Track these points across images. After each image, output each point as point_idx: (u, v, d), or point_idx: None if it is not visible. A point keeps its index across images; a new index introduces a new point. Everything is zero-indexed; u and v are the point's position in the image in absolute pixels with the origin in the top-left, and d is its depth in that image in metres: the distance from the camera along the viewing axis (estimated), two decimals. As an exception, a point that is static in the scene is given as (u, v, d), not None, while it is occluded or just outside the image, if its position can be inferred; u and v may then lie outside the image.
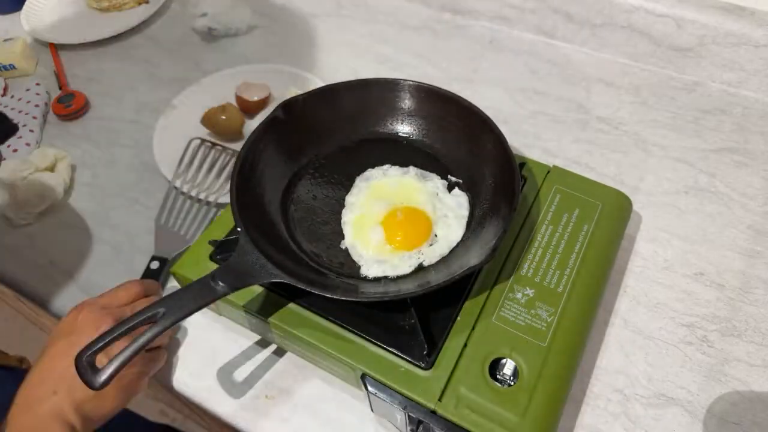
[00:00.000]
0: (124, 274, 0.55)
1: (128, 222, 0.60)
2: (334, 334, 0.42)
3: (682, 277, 0.52)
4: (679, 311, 0.50)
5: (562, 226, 0.48)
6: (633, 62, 0.71)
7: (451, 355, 0.40)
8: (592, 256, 0.46)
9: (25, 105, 0.70)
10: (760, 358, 0.47)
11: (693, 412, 0.45)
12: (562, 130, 0.65)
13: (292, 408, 0.46)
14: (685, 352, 0.47)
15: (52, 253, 0.58)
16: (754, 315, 0.49)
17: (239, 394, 0.47)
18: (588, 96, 0.68)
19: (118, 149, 0.67)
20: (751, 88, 0.66)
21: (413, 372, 0.40)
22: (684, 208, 0.57)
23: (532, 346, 0.41)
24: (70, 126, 0.70)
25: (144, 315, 0.37)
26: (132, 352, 0.35)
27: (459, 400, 0.39)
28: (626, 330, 0.49)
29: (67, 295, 0.55)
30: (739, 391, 0.45)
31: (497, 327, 0.42)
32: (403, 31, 0.79)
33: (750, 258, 0.53)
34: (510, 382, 0.40)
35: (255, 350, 0.50)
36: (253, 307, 0.44)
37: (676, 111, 0.66)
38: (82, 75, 0.76)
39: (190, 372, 0.49)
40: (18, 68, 0.76)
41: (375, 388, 0.40)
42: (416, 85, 0.52)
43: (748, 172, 0.59)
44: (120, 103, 0.72)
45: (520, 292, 0.44)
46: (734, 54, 0.64)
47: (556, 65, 0.72)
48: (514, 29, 0.76)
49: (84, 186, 0.64)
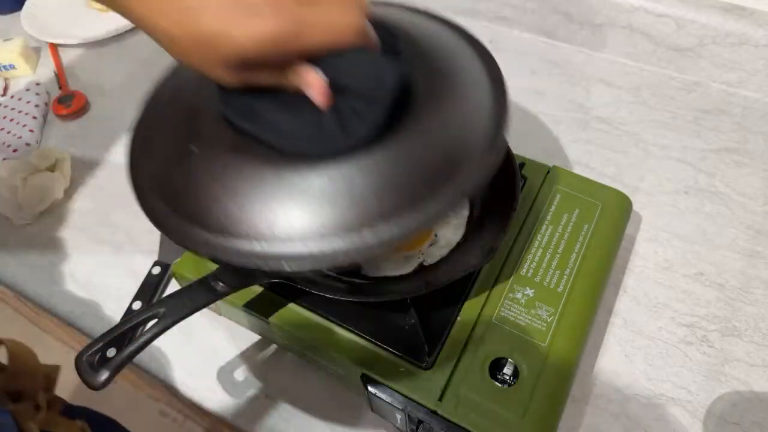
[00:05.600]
0: (124, 274, 0.55)
1: (128, 222, 0.60)
2: (334, 334, 0.42)
3: (682, 277, 0.52)
4: (679, 311, 0.50)
5: (562, 226, 0.48)
6: (633, 62, 0.71)
7: (451, 355, 0.40)
8: (592, 256, 0.46)
9: (25, 105, 0.70)
10: (760, 358, 0.47)
11: (693, 412, 0.45)
12: (562, 130, 0.65)
13: (292, 408, 0.46)
14: (685, 352, 0.48)
15: (53, 253, 0.58)
16: (754, 315, 0.49)
17: (239, 394, 0.47)
18: (588, 96, 0.68)
19: (118, 149, 0.67)
20: (751, 88, 0.66)
21: (413, 372, 0.40)
22: (684, 208, 0.57)
23: (533, 346, 0.41)
24: (70, 126, 0.70)
25: (144, 315, 0.37)
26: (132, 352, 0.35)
27: (459, 400, 0.39)
28: (626, 330, 0.49)
29: (67, 296, 0.55)
30: (739, 391, 0.45)
31: (497, 327, 0.42)
32: (403, 31, 0.79)
33: (750, 258, 0.53)
34: (510, 382, 0.40)
35: (255, 350, 0.50)
36: (253, 307, 0.44)
37: (676, 111, 0.66)
38: (82, 75, 0.76)
39: (190, 372, 0.49)
40: (18, 68, 0.76)
41: (375, 388, 0.40)
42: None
43: (748, 172, 0.59)
44: (120, 103, 0.72)
45: (520, 292, 0.44)
46: (734, 54, 0.64)
47: (556, 65, 0.72)
48: (513, 29, 0.76)
49: (84, 186, 0.64)
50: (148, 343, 0.36)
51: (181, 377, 0.49)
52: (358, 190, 0.32)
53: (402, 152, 0.33)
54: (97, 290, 0.55)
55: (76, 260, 0.57)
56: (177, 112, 0.38)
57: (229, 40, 0.28)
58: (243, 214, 0.32)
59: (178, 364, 0.49)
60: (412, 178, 0.33)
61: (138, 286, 0.53)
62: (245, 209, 0.32)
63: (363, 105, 0.32)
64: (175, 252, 0.55)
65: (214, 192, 0.33)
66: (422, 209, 0.32)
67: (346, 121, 0.32)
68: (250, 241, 0.32)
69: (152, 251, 0.57)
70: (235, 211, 0.32)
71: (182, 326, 0.51)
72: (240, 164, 0.33)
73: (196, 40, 0.29)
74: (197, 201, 0.34)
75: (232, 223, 0.32)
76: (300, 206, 0.32)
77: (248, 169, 0.33)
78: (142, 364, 0.50)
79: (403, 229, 0.31)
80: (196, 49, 0.29)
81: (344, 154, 0.32)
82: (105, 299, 0.54)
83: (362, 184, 0.32)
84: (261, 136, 0.33)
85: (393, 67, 0.32)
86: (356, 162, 0.32)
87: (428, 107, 0.35)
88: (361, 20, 0.31)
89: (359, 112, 0.32)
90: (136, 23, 0.30)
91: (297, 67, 0.31)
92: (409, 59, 0.35)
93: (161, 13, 0.29)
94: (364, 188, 0.32)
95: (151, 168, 0.37)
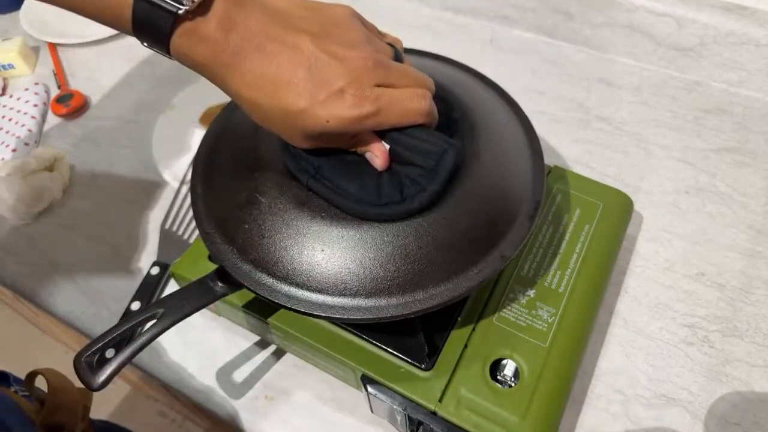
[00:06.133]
0: (123, 274, 0.55)
1: (128, 222, 0.59)
2: (334, 335, 0.42)
3: (683, 277, 0.52)
4: (680, 311, 0.50)
5: (562, 226, 0.47)
6: (634, 62, 0.71)
7: (451, 356, 0.40)
8: (592, 256, 0.46)
9: (24, 105, 0.70)
10: (761, 358, 0.47)
11: (694, 412, 0.44)
12: (563, 129, 0.65)
13: (292, 409, 0.46)
14: (686, 353, 0.47)
15: (52, 253, 0.58)
16: (755, 315, 0.49)
17: (239, 394, 0.47)
18: (588, 96, 0.68)
19: (117, 149, 0.67)
20: (752, 87, 0.66)
21: (413, 373, 0.40)
22: (685, 208, 0.57)
23: (533, 347, 0.41)
24: (69, 126, 0.70)
25: (143, 315, 0.37)
26: (131, 353, 0.35)
27: (459, 401, 0.38)
28: (627, 330, 0.49)
29: (67, 296, 0.54)
30: (740, 392, 0.45)
31: (498, 328, 0.42)
32: (403, 30, 0.78)
33: (751, 258, 0.53)
34: (511, 383, 0.39)
35: (254, 351, 0.49)
36: (253, 308, 0.44)
37: (676, 111, 0.65)
38: (81, 75, 0.76)
39: (190, 372, 0.49)
40: (17, 68, 0.76)
41: (375, 389, 0.40)
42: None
43: (749, 172, 0.59)
44: (119, 103, 0.72)
45: (521, 292, 0.44)
46: (735, 54, 0.64)
47: (557, 65, 0.72)
48: (514, 28, 0.76)
49: (83, 186, 0.63)
50: (147, 343, 0.35)
51: (180, 378, 0.49)
52: (412, 252, 0.35)
53: (453, 218, 0.36)
54: (96, 290, 0.54)
55: (74, 260, 0.57)
56: (240, 158, 0.41)
57: (314, 118, 0.32)
58: (308, 266, 0.36)
59: (177, 364, 0.49)
60: (462, 244, 0.36)
61: (137, 287, 0.53)
62: (311, 263, 0.36)
63: (422, 176, 0.35)
64: (174, 252, 0.55)
65: (281, 242, 0.36)
66: (470, 274, 0.36)
67: (405, 189, 0.36)
68: (314, 293, 0.35)
69: (151, 251, 0.57)
70: (302, 263, 0.36)
71: (181, 327, 0.51)
72: (307, 218, 0.36)
73: (283, 112, 0.32)
74: (264, 248, 0.37)
75: (297, 272, 0.36)
76: (362, 264, 0.35)
77: (315, 228, 0.36)
78: (142, 365, 0.50)
79: (452, 292, 0.35)
80: (280, 120, 0.33)
81: (402, 219, 0.36)
82: (104, 299, 0.54)
83: (416, 247, 0.35)
84: (325, 195, 0.36)
85: (453, 146, 0.35)
86: (411, 226, 0.36)
87: (475, 176, 0.38)
88: (429, 105, 0.35)
89: (419, 182, 0.35)
90: (223, 88, 0.34)
91: (365, 136, 0.35)
92: (462, 132, 0.39)
93: (252, 85, 0.32)
94: (418, 251, 0.35)
95: (215, 209, 0.40)
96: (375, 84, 0.33)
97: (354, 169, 0.36)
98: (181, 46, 0.31)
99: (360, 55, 0.32)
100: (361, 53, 0.33)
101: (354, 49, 0.33)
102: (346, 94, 0.32)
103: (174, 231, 0.57)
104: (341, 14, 0.34)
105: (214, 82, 0.34)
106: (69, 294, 0.55)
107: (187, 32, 0.31)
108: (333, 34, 0.33)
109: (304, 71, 0.31)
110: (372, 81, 0.32)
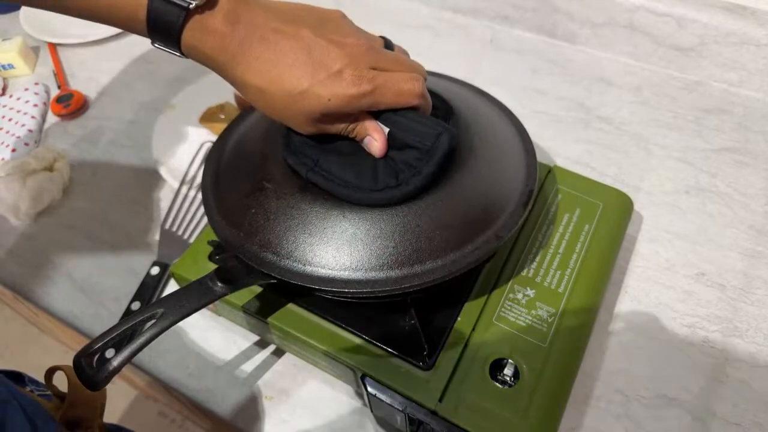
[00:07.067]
0: (123, 274, 0.55)
1: (127, 222, 0.59)
2: (334, 335, 0.42)
3: (684, 278, 0.52)
4: (680, 312, 0.50)
5: (563, 226, 0.47)
6: (634, 62, 0.71)
7: (451, 355, 0.40)
8: (593, 256, 0.46)
9: (24, 105, 0.70)
10: (761, 358, 0.47)
11: (694, 412, 0.44)
12: (563, 129, 0.65)
13: (292, 409, 0.46)
14: (686, 353, 0.47)
15: (52, 253, 0.58)
16: (755, 315, 0.49)
17: (238, 394, 0.47)
18: (589, 95, 0.68)
19: (117, 149, 0.66)
20: (753, 87, 0.66)
21: (413, 373, 0.40)
22: (685, 208, 0.57)
23: (533, 347, 0.41)
24: (69, 126, 0.70)
25: (143, 315, 0.36)
26: (131, 353, 0.35)
27: (459, 401, 0.38)
28: (627, 330, 0.49)
29: (67, 296, 0.54)
30: (740, 392, 0.45)
31: (498, 328, 0.42)
32: (403, 30, 0.79)
33: (751, 258, 0.53)
34: (510, 383, 0.39)
35: (254, 351, 0.49)
36: (252, 308, 0.44)
37: (677, 111, 0.65)
38: (81, 75, 0.76)
39: (190, 372, 0.49)
40: (17, 68, 0.76)
41: (375, 389, 0.40)
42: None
43: (749, 172, 0.59)
44: (119, 103, 0.72)
45: (521, 292, 0.44)
46: (735, 53, 0.64)
47: (557, 65, 0.72)
48: (515, 28, 0.76)
49: (83, 186, 0.63)
50: (147, 343, 0.35)
51: (180, 378, 0.49)
52: (410, 230, 0.37)
53: (449, 201, 0.38)
54: (96, 290, 0.54)
55: (74, 260, 0.57)
56: (247, 155, 0.44)
57: (315, 97, 0.34)
58: (312, 245, 0.38)
59: (177, 364, 0.49)
60: (458, 223, 0.38)
61: (137, 287, 0.53)
62: (314, 241, 0.38)
63: (418, 159, 0.37)
64: (174, 252, 0.55)
65: (285, 223, 0.38)
66: (466, 250, 0.37)
67: (400, 174, 0.37)
68: (316, 267, 0.37)
69: (151, 251, 0.57)
70: (305, 241, 0.38)
71: (181, 327, 0.51)
72: (310, 201, 0.39)
73: (287, 95, 0.34)
74: (269, 228, 0.39)
75: (300, 250, 0.38)
76: (362, 241, 0.37)
77: (317, 209, 0.38)
78: (141, 365, 0.50)
79: (450, 267, 0.36)
80: (284, 104, 0.35)
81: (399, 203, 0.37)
82: (103, 299, 0.54)
83: (414, 225, 0.37)
84: (324, 186, 0.38)
85: (448, 129, 0.37)
86: (409, 207, 0.37)
87: (470, 164, 0.40)
88: (422, 87, 0.37)
89: (414, 165, 0.37)
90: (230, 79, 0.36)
91: (364, 119, 0.37)
92: (457, 127, 0.41)
93: (257, 72, 0.34)
94: (416, 228, 0.37)
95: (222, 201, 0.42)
96: (370, 67, 0.35)
97: (351, 159, 0.38)
98: (191, 39, 0.34)
99: (356, 41, 0.35)
100: (356, 40, 0.35)
101: (350, 37, 0.36)
102: (345, 74, 0.34)
103: (174, 231, 0.57)
104: (334, 13, 0.38)
105: (221, 74, 0.36)
106: (69, 294, 0.55)
107: (197, 26, 0.33)
108: (329, 27, 0.36)
109: (305, 56, 0.34)
110: (368, 63, 0.35)
